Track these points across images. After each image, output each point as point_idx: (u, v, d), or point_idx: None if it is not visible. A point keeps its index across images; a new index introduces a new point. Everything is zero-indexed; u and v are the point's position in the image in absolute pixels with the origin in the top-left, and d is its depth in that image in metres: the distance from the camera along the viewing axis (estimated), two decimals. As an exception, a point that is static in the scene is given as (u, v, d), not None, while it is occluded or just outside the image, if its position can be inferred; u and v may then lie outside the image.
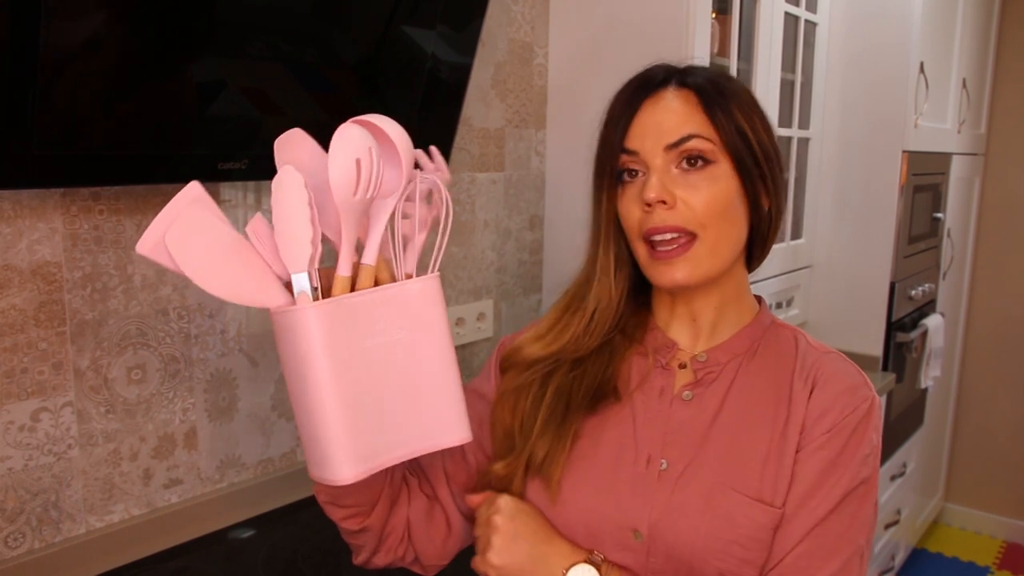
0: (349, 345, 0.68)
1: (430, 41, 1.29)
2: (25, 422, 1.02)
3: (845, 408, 0.73)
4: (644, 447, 0.75)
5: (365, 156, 0.67)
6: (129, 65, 0.96)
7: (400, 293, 0.71)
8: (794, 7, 1.89)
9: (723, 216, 0.72)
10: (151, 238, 0.65)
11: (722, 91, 0.73)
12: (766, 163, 0.74)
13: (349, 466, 0.68)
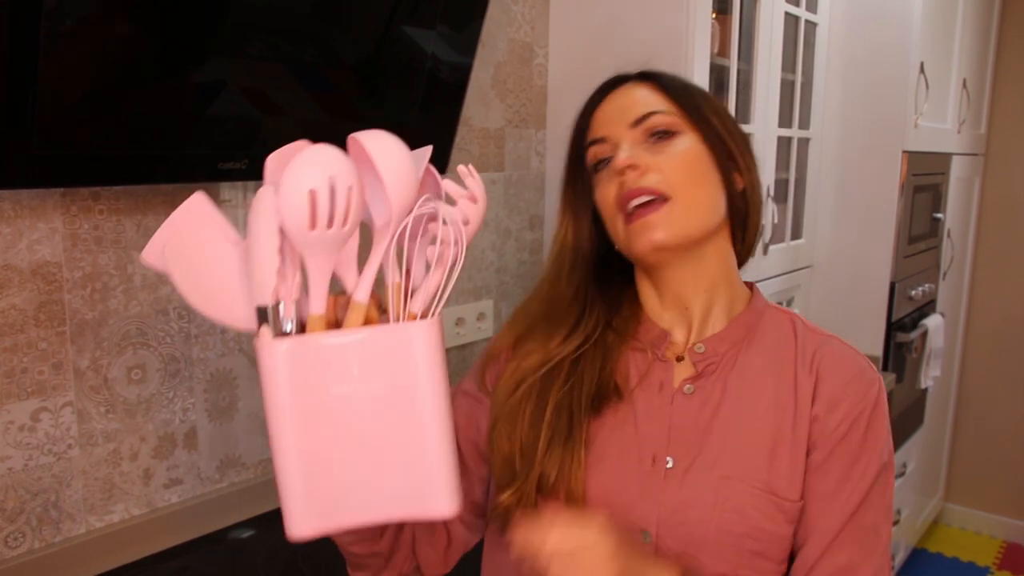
0: (314, 390, 0.60)
1: (430, 41, 1.29)
2: (25, 422, 1.02)
3: (857, 395, 0.72)
4: (648, 446, 0.74)
5: (322, 186, 0.57)
6: (129, 65, 0.96)
7: (385, 337, 0.61)
8: (794, 7, 1.89)
9: (694, 178, 0.73)
10: (154, 247, 0.63)
11: (680, 80, 0.78)
12: (732, 141, 0.76)
13: (301, 522, 0.61)
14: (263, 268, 0.59)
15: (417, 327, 0.61)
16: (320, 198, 0.57)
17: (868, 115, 2.11)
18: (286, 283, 0.60)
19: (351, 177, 0.58)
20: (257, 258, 0.59)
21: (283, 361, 0.59)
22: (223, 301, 0.62)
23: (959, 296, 2.90)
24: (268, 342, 0.59)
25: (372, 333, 0.61)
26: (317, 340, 0.60)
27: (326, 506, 0.61)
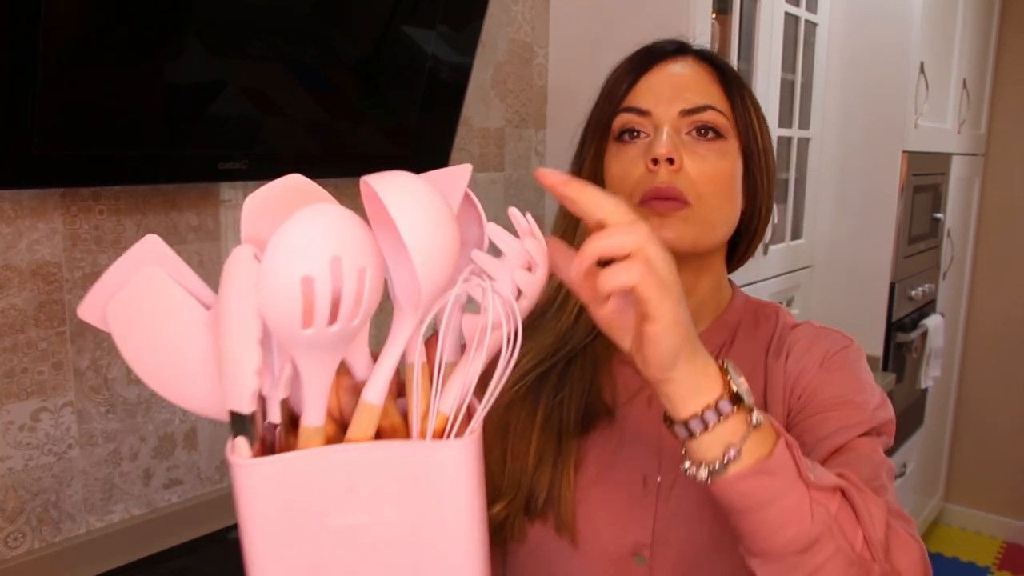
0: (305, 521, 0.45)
1: (430, 41, 1.29)
2: (25, 422, 1.02)
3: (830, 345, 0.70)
4: (639, 467, 0.69)
5: (322, 271, 0.40)
6: (129, 65, 0.96)
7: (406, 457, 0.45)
8: (794, 7, 1.89)
9: (723, 192, 0.67)
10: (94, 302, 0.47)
11: (738, 77, 0.70)
12: (765, 158, 0.71)
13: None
14: (239, 366, 0.43)
15: (451, 449, 0.45)
16: (319, 287, 0.40)
17: (868, 115, 2.11)
18: (271, 378, 0.45)
19: (363, 255, 0.42)
20: (230, 349, 0.43)
21: (264, 486, 0.44)
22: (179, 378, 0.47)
23: (959, 296, 2.90)
24: (245, 460, 0.44)
25: (388, 451, 0.45)
26: (312, 458, 0.44)
27: None
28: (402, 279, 0.47)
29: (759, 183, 0.71)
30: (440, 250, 0.43)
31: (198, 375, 0.46)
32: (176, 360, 0.47)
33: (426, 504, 0.45)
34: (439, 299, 0.46)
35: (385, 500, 0.45)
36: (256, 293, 0.42)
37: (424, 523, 0.45)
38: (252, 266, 0.43)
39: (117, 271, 0.47)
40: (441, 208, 0.45)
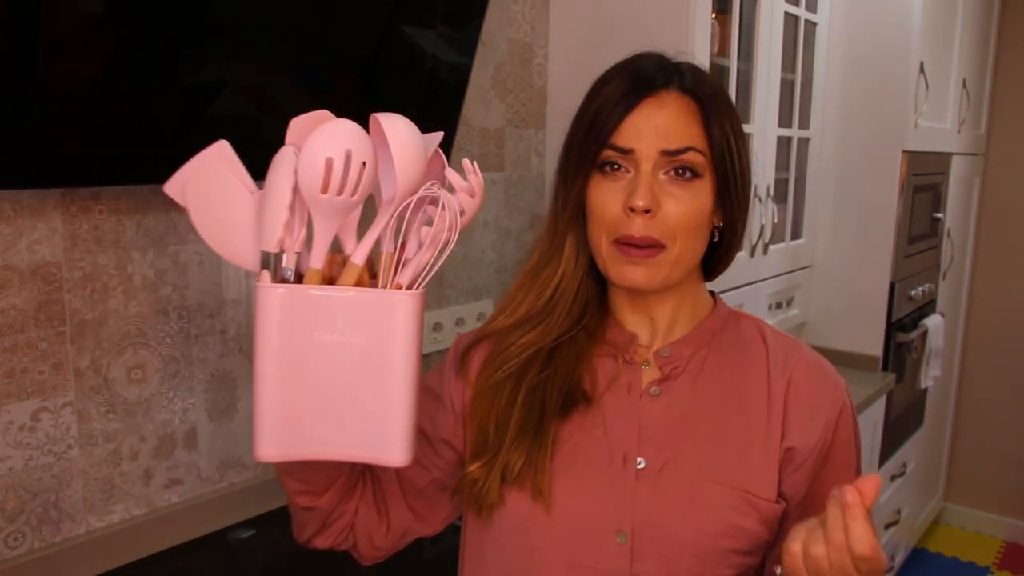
0: (300, 334, 0.65)
1: (430, 41, 1.29)
2: (25, 422, 1.02)
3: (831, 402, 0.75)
4: (618, 446, 0.74)
5: (338, 156, 0.62)
6: (129, 65, 0.96)
7: (371, 300, 0.66)
8: (794, 7, 1.89)
9: (694, 231, 0.72)
10: (176, 182, 0.69)
11: (719, 104, 0.73)
12: (741, 182, 0.74)
13: (269, 446, 0.67)
14: (273, 219, 0.65)
15: (402, 296, 0.66)
16: (335, 167, 0.63)
17: (868, 115, 2.11)
18: (291, 236, 0.66)
19: (366, 153, 0.64)
20: (269, 209, 0.65)
21: (277, 303, 0.65)
22: (233, 241, 0.68)
23: (959, 296, 2.90)
24: (267, 285, 0.65)
25: (361, 294, 0.66)
26: (310, 291, 0.66)
27: (293, 436, 0.67)
28: (386, 185, 0.68)
29: (735, 205, 0.75)
30: (412, 160, 0.66)
31: (243, 238, 0.68)
32: (229, 227, 0.68)
33: (382, 333, 0.66)
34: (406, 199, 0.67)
35: (355, 327, 0.66)
36: (291, 175, 0.63)
37: (379, 347, 0.66)
38: (291, 156, 0.64)
39: (194, 163, 0.68)
40: (417, 136, 0.68)
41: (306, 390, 0.66)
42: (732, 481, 0.72)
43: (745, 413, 0.74)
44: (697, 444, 0.74)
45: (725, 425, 0.74)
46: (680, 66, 0.75)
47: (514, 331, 0.78)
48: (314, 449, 0.68)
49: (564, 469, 0.74)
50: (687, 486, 0.72)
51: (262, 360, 0.65)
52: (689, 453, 0.73)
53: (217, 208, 0.68)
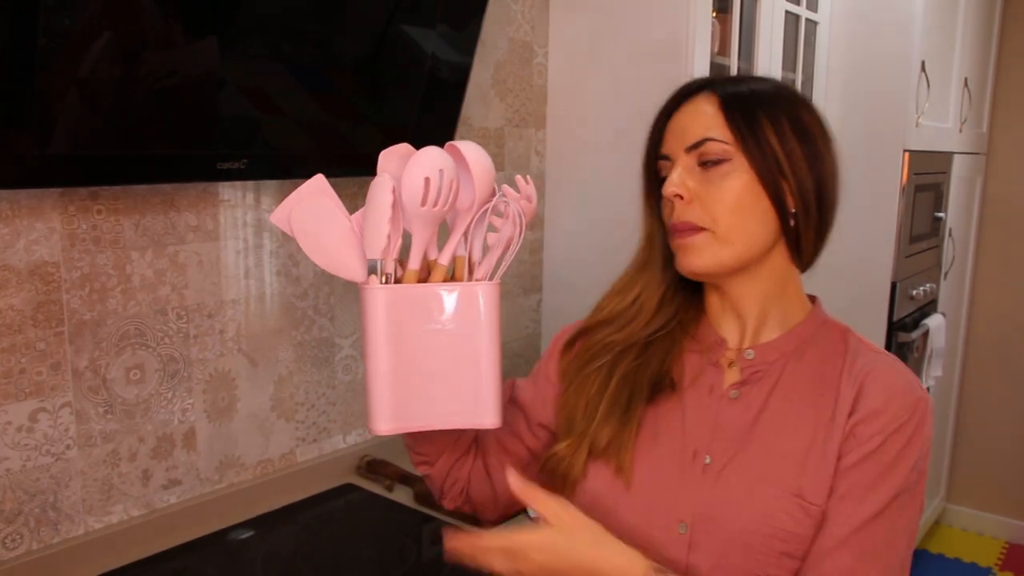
0: (405, 325, 0.79)
1: (430, 40, 1.29)
2: (23, 423, 1.02)
3: (899, 411, 0.73)
4: (692, 441, 0.78)
5: (434, 175, 0.77)
6: (128, 65, 0.96)
7: (461, 291, 0.81)
8: (795, 6, 1.88)
9: (736, 210, 0.75)
10: (281, 213, 0.82)
11: (748, 97, 0.77)
12: (788, 163, 0.75)
13: (384, 421, 0.81)
14: (377, 232, 0.78)
15: (485, 286, 0.82)
16: (432, 184, 0.76)
17: (869, 114, 2.10)
18: (390, 246, 0.79)
19: (453, 173, 0.77)
20: (372, 224, 0.79)
21: (383, 301, 0.78)
22: (335, 257, 0.82)
23: (960, 296, 2.89)
24: (376, 287, 0.79)
25: (450, 287, 0.81)
26: (410, 288, 0.80)
27: (402, 412, 0.80)
28: (465, 195, 0.81)
29: (787, 188, 0.76)
30: (486, 177, 0.80)
31: (344, 254, 0.81)
32: (331, 247, 0.81)
33: (470, 317, 0.80)
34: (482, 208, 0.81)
35: (449, 315, 0.80)
36: (389, 195, 0.77)
37: (467, 329, 0.80)
38: (388, 180, 0.77)
39: (295, 195, 0.81)
40: (487, 157, 0.81)
41: (411, 372, 0.80)
42: (789, 487, 0.73)
43: (813, 422, 0.76)
44: (762, 447, 0.76)
45: (792, 432, 0.76)
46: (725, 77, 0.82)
47: (603, 329, 0.86)
48: (421, 422, 0.81)
49: (644, 452, 0.80)
50: (745, 485, 0.75)
51: (375, 349, 0.78)
52: (753, 455, 0.76)
53: (320, 232, 0.82)
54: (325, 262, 0.82)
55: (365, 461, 1.41)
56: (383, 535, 1.24)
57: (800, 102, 0.79)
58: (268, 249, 1.27)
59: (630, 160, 1.71)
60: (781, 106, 0.77)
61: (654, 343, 0.83)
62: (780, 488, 0.73)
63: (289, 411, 1.33)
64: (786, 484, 0.73)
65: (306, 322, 1.34)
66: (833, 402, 0.76)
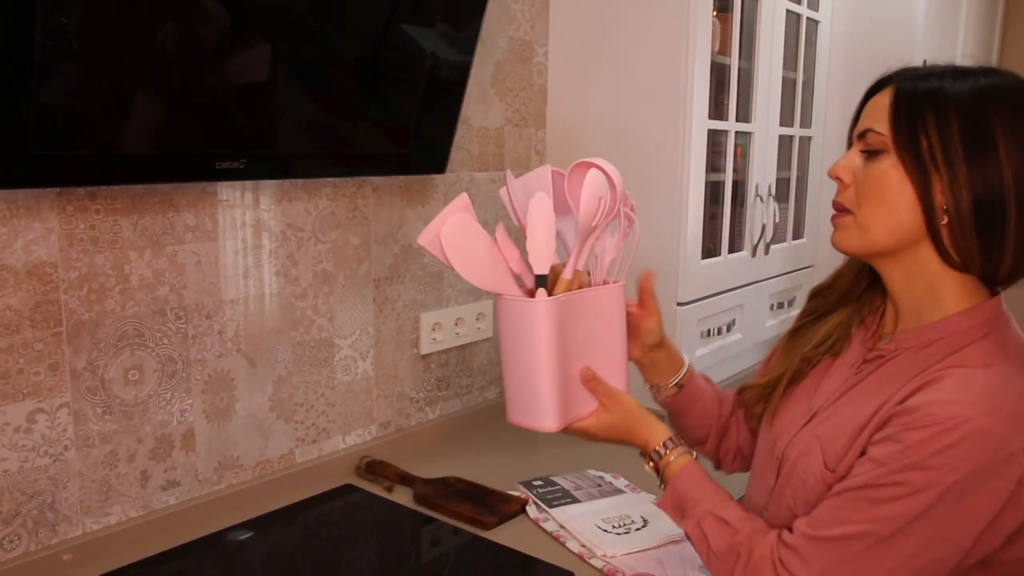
0: (563, 328, 0.91)
1: (430, 40, 1.29)
2: (21, 423, 1.02)
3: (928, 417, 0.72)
4: (815, 403, 0.90)
5: (606, 195, 0.91)
6: (126, 64, 0.96)
7: (599, 294, 0.96)
8: (796, 5, 1.88)
9: (876, 200, 0.81)
10: (429, 234, 0.90)
11: (921, 94, 0.79)
12: (944, 161, 0.76)
13: (555, 419, 0.93)
14: (546, 250, 0.90)
15: (609, 288, 0.98)
16: (603, 202, 0.92)
17: (870, 114, 2.09)
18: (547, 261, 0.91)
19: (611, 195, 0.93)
20: (543, 241, 0.90)
21: (550, 310, 0.90)
22: (482, 272, 0.91)
23: (961, 296, 2.89)
24: (544, 298, 0.90)
25: (596, 291, 0.96)
26: (570, 296, 0.93)
27: (567, 408, 0.94)
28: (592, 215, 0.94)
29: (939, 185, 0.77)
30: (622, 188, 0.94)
31: (489, 269, 0.91)
32: (476, 262, 0.91)
33: (605, 315, 0.97)
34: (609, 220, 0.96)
35: (589, 315, 0.95)
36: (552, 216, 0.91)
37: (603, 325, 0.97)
38: (549, 202, 0.90)
39: (443, 216, 0.90)
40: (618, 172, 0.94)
41: (569, 371, 0.93)
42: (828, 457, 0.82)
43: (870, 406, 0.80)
44: (835, 421, 0.84)
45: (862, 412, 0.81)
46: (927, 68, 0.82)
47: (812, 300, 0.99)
48: (582, 411, 0.96)
49: (788, 401, 0.94)
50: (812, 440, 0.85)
51: (546, 354, 0.90)
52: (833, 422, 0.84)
53: (468, 247, 0.90)
54: (475, 277, 0.91)
55: (364, 462, 1.40)
56: (382, 536, 1.24)
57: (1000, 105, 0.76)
58: (267, 249, 1.26)
59: (630, 159, 1.71)
60: (961, 106, 0.76)
61: (837, 314, 0.93)
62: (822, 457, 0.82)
63: (288, 412, 1.33)
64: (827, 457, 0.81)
65: (305, 322, 1.33)
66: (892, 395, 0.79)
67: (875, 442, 0.76)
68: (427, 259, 1.53)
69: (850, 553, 0.74)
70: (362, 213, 1.40)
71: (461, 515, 1.24)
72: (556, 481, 1.36)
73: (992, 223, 0.76)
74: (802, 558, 0.75)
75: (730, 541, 0.82)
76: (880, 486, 0.73)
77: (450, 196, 1.55)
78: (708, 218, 1.66)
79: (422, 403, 1.57)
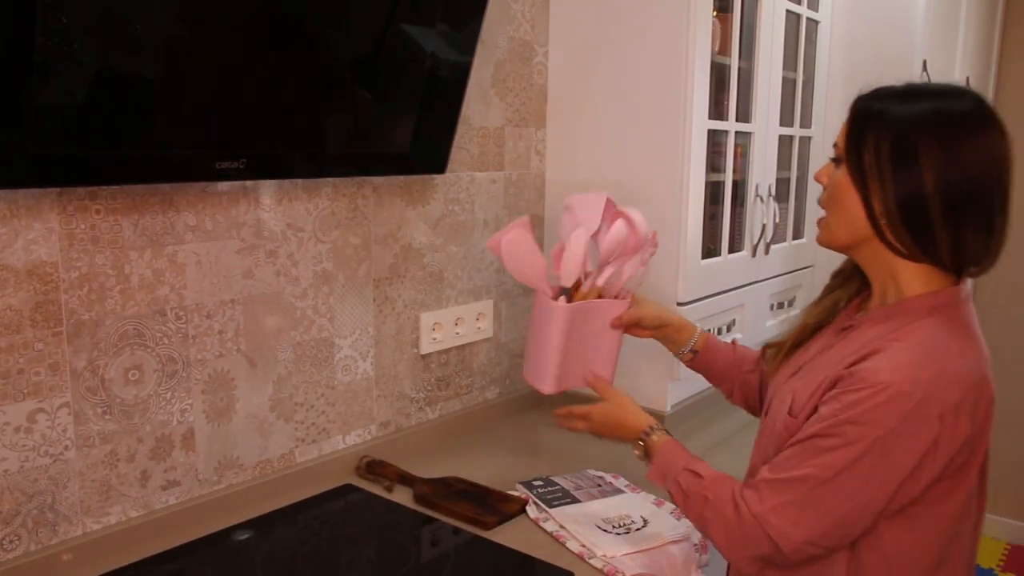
0: (573, 326, 1.25)
1: (430, 40, 1.29)
2: (21, 423, 1.02)
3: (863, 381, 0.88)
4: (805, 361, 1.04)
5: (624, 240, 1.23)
6: (126, 64, 0.96)
7: (606, 306, 1.28)
8: (796, 5, 1.88)
9: (835, 201, 0.97)
10: (493, 240, 1.26)
11: (866, 115, 0.94)
12: (878, 174, 0.91)
13: (551, 385, 1.28)
14: (572, 271, 1.25)
15: (614, 302, 1.29)
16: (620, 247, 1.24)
17: (870, 114, 2.09)
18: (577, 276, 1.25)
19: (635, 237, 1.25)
20: (570, 266, 1.24)
21: (565, 312, 1.24)
22: (529, 275, 1.27)
23: (962, 296, 2.89)
24: (562, 304, 1.24)
25: (606, 302, 1.28)
26: (584, 304, 1.26)
27: (561, 378, 1.28)
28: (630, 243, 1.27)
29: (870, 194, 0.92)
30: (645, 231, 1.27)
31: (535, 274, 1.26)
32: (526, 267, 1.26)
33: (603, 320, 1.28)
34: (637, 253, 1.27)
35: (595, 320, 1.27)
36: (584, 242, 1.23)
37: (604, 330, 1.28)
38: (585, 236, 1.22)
39: (508, 228, 1.24)
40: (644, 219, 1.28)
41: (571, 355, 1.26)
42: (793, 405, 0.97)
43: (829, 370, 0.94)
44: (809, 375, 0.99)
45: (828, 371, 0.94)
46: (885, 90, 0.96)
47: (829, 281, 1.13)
48: (572, 383, 1.29)
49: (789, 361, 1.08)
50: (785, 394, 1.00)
51: (556, 340, 1.24)
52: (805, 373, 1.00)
53: (520, 257, 1.26)
54: (521, 277, 1.28)
55: (364, 462, 1.40)
56: (382, 536, 1.24)
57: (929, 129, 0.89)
58: (267, 249, 1.26)
59: (630, 159, 1.70)
60: (896, 127, 0.91)
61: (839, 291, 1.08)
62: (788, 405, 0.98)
63: (288, 412, 1.33)
64: (796, 402, 0.97)
65: (305, 322, 1.33)
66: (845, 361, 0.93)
67: (824, 401, 0.91)
68: (427, 259, 1.53)
69: (798, 493, 0.89)
70: (362, 213, 1.40)
71: (461, 515, 1.24)
72: (556, 481, 1.36)
73: (919, 222, 0.90)
74: (759, 494, 0.92)
75: (700, 486, 0.98)
76: (823, 436, 0.88)
77: (450, 196, 1.55)
78: (708, 218, 1.66)
79: (422, 403, 1.57)
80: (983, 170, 0.89)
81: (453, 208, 1.56)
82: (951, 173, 0.87)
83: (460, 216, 1.58)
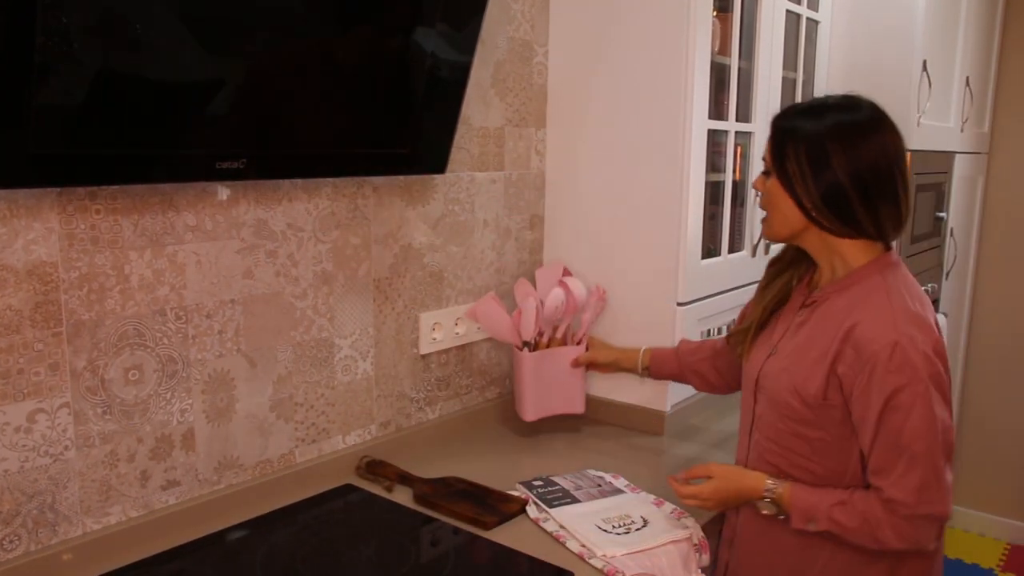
0: (539, 368, 1.57)
1: (430, 40, 1.29)
2: (21, 423, 1.02)
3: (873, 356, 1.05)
4: (775, 340, 1.20)
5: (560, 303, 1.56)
6: (126, 64, 0.96)
7: (565, 351, 1.60)
8: (795, 5, 1.88)
9: (771, 204, 1.16)
10: (471, 309, 1.58)
11: (782, 131, 1.14)
12: (800, 177, 1.11)
13: (530, 414, 1.59)
14: (530, 327, 1.54)
15: (572, 348, 1.60)
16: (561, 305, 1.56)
17: (870, 114, 2.09)
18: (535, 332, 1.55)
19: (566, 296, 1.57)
20: (527, 323, 1.54)
21: (530, 360, 1.56)
22: (500, 331, 1.58)
23: (962, 296, 2.89)
24: (528, 354, 1.56)
25: (567, 348, 1.60)
26: (543, 352, 1.58)
27: (538, 408, 1.59)
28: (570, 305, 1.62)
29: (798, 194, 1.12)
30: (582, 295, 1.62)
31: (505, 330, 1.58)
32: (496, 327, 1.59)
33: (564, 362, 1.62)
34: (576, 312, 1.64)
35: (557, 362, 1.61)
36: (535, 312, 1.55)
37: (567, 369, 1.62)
38: (535, 304, 1.55)
39: (482, 300, 1.59)
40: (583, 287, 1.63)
41: (543, 389, 1.59)
42: (794, 378, 1.13)
43: (828, 340, 1.10)
44: (796, 349, 1.15)
45: (814, 343, 1.12)
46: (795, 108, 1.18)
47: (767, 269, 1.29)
48: (549, 411, 1.60)
49: (758, 343, 1.24)
50: (777, 372, 1.16)
51: (528, 380, 1.57)
52: (791, 353, 1.15)
53: (492, 319, 1.56)
54: (493, 333, 1.60)
55: (364, 462, 1.40)
56: (382, 536, 1.24)
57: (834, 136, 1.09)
58: (267, 249, 1.26)
59: (630, 159, 1.70)
60: (808, 139, 1.10)
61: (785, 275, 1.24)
62: (792, 377, 1.13)
63: (288, 412, 1.33)
64: (795, 377, 1.12)
65: (305, 322, 1.33)
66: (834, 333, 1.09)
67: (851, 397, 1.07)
68: (427, 259, 1.53)
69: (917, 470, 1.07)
70: (362, 213, 1.40)
71: (461, 515, 1.24)
72: (556, 481, 1.36)
73: (842, 208, 1.10)
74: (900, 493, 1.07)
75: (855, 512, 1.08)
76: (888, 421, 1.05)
77: (450, 196, 1.55)
78: (708, 218, 1.66)
79: (422, 403, 1.57)
80: (883, 161, 1.09)
81: (453, 208, 1.56)
82: (858, 167, 1.08)
83: (460, 216, 1.58)
